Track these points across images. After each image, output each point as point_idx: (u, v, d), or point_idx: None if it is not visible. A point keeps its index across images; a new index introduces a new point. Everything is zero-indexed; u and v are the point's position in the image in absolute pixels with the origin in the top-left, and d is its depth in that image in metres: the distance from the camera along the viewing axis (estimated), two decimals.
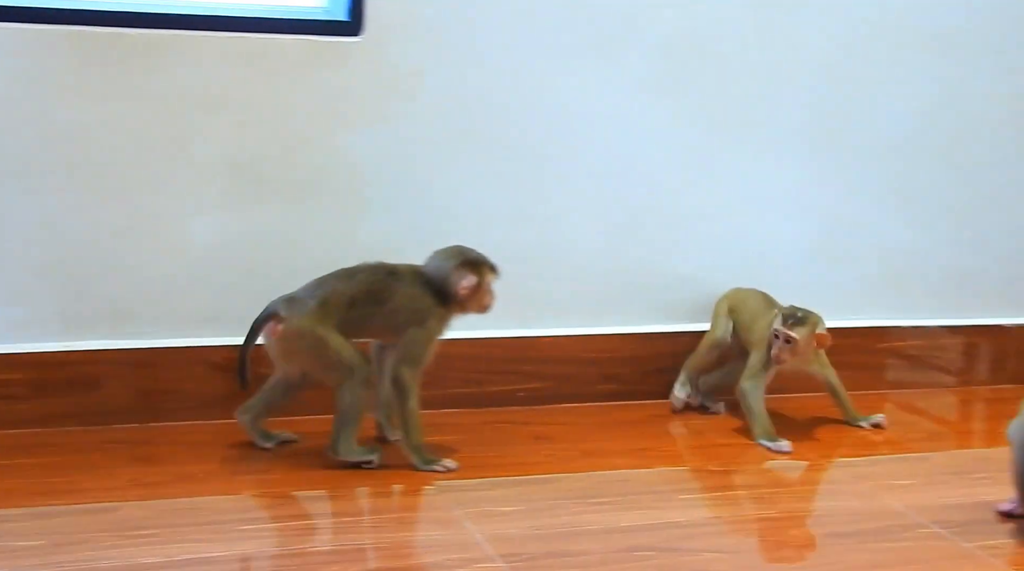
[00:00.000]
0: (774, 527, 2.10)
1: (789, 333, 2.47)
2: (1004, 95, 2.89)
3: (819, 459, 2.46)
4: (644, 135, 2.68)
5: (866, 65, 2.79)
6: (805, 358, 2.53)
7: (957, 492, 2.29)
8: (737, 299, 2.67)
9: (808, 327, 2.49)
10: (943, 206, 2.90)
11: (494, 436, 2.50)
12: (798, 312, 2.50)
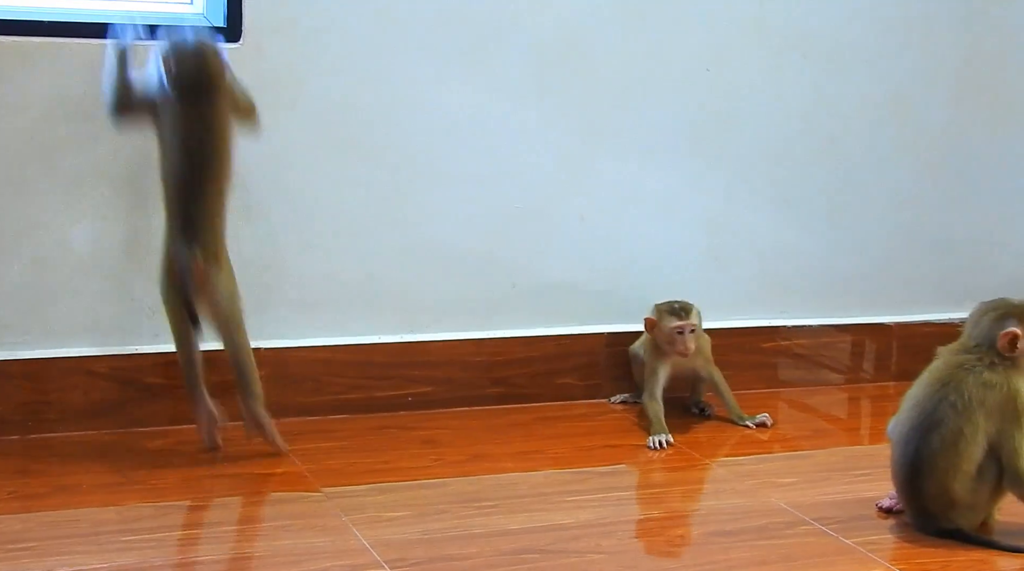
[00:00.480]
0: (658, 527, 2.12)
1: (689, 322, 2.56)
2: (876, 101, 2.94)
3: (704, 458, 2.49)
4: (522, 139, 2.70)
5: (744, 72, 2.83)
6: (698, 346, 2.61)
7: (839, 489, 2.33)
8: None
9: (696, 310, 2.59)
10: (822, 209, 2.95)
11: (382, 441, 2.49)
12: (675, 303, 2.60)
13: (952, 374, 2.07)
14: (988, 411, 2.04)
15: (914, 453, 2.06)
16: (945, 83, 3.00)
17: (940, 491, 2.05)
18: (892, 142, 2.98)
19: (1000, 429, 2.04)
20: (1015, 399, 2.04)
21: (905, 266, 3.03)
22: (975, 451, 2.03)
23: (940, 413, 2.05)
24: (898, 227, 3.02)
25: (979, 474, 2.05)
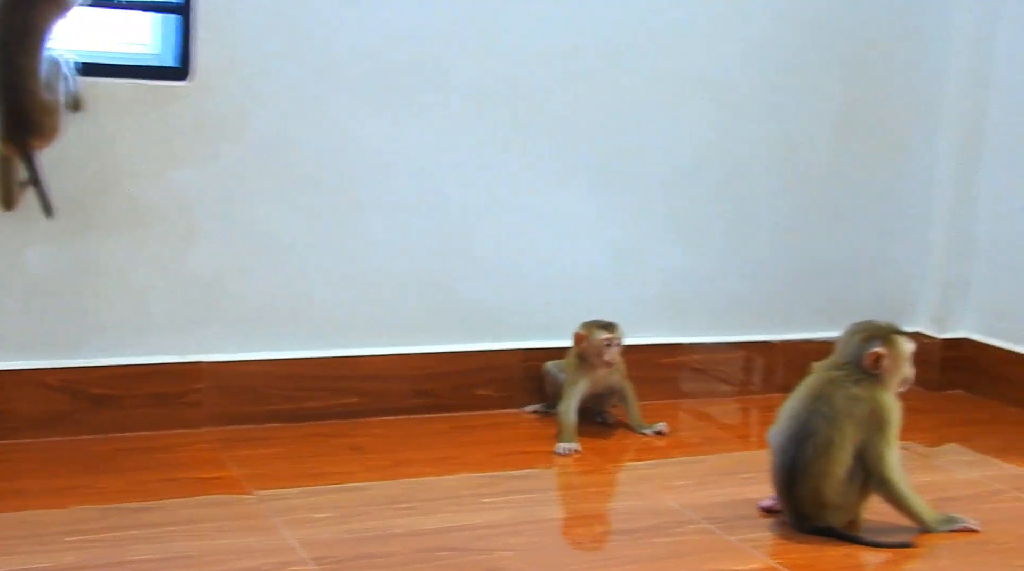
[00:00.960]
0: (562, 526, 2.16)
1: (616, 336, 2.63)
2: (766, 139, 3.00)
3: (607, 464, 2.52)
4: (448, 171, 2.73)
5: (649, 109, 2.88)
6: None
7: (726, 491, 2.38)
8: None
9: (620, 329, 2.65)
10: (717, 235, 3.00)
11: (312, 448, 2.50)
12: (603, 320, 2.66)
13: (824, 388, 2.13)
14: (855, 422, 2.09)
15: (790, 460, 2.12)
16: (827, 123, 3.06)
17: (813, 494, 2.10)
18: (779, 176, 3.04)
19: (866, 438, 2.10)
20: (879, 411, 2.11)
21: (790, 289, 3.09)
22: (844, 457, 2.09)
23: (813, 424, 2.10)
24: (784, 253, 3.07)
25: (848, 478, 2.10)
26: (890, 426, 2.11)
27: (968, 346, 3.17)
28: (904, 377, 2.18)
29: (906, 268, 3.20)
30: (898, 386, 2.17)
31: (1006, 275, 3.10)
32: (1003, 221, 3.10)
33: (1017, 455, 2.67)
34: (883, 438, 2.10)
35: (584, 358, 2.66)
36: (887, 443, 2.11)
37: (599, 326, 2.65)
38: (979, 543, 2.15)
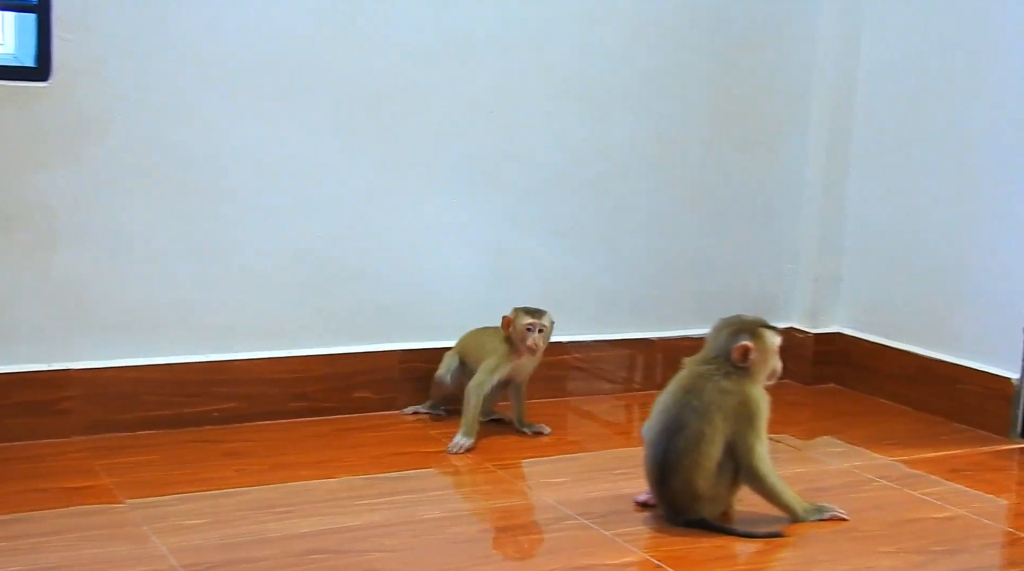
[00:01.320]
0: (438, 526, 2.15)
1: (541, 322, 2.62)
2: (640, 141, 3.04)
3: (485, 462, 2.53)
4: (326, 174, 2.71)
5: (524, 113, 2.90)
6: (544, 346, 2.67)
7: (604, 487, 2.40)
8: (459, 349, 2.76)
9: (548, 316, 2.65)
10: (595, 236, 3.03)
11: (188, 455, 2.46)
12: (532, 307, 2.65)
13: (694, 382, 2.16)
14: (725, 415, 2.13)
15: (662, 453, 2.15)
16: (699, 123, 3.11)
17: (685, 486, 2.13)
18: (654, 177, 3.08)
19: (735, 430, 2.13)
20: (747, 404, 2.14)
21: (667, 287, 3.13)
22: (714, 450, 2.12)
23: (684, 417, 2.13)
24: (661, 253, 3.11)
25: (719, 470, 2.14)
26: (759, 419, 2.15)
27: (840, 340, 3.25)
28: (772, 370, 2.22)
29: (779, 265, 3.26)
30: (767, 379, 2.21)
31: (874, 270, 3.18)
32: (870, 218, 3.18)
33: (887, 445, 2.74)
34: (752, 430, 2.14)
35: (511, 343, 2.65)
36: (756, 435, 2.14)
37: (526, 311, 2.64)
38: (847, 531, 2.20)
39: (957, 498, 2.41)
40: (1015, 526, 2.29)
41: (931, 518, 2.30)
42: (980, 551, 2.16)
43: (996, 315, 2.85)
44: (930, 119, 3.02)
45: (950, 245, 2.97)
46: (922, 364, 3.02)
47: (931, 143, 3.01)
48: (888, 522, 2.27)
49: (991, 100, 2.86)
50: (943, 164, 2.99)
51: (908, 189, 3.09)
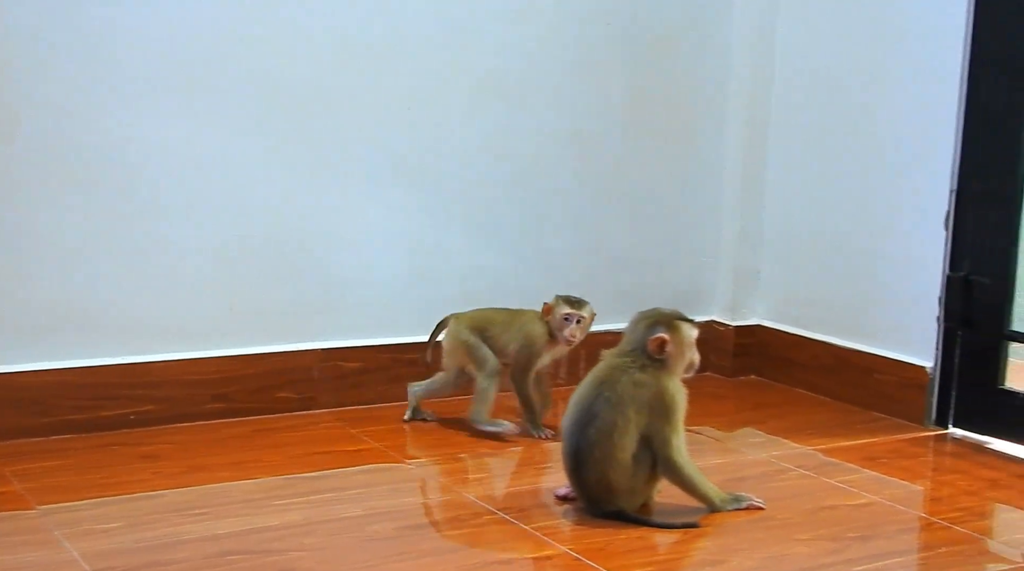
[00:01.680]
0: (357, 524, 2.14)
1: (579, 313, 2.61)
2: (558, 136, 3.04)
3: (406, 459, 2.51)
4: (242, 172, 2.68)
5: (443, 109, 2.89)
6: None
7: (524, 481, 2.40)
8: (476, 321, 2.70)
9: (589, 308, 2.65)
10: (513, 232, 3.02)
11: (103, 459, 2.43)
12: (573, 296, 2.65)
13: (609, 374, 2.17)
14: (638, 406, 2.14)
15: (576, 444, 2.16)
16: (617, 118, 3.12)
17: (599, 477, 2.14)
18: (572, 172, 3.08)
19: (650, 422, 2.15)
20: (662, 396, 2.15)
21: (587, 282, 3.10)
22: (627, 441, 2.13)
23: (597, 408, 2.14)
24: (580, 248, 3.12)
25: (636, 463, 2.15)
26: (674, 411, 2.16)
27: (760, 332, 3.28)
28: (690, 363, 2.24)
29: (699, 259, 3.29)
30: (684, 372, 2.23)
31: (792, 263, 3.21)
32: (788, 212, 3.21)
33: (805, 435, 2.77)
34: (668, 423, 2.15)
35: (551, 332, 2.64)
36: (672, 427, 2.16)
37: (567, 301, 2.63)
38: (763, 520, 2.23)
39: (872, 485, 2.44)
40: (928, 511, 2.33)
41: (846, 505, 2.33)
42: (894, 536, 2.19)
43: (911, 305, 2.89)
44: (844, 113, 3.05)
45: (865, 237, 3.01)
46: (839, 355, 3.06)
47: (846, 136, 3.05)
48: (804, 510, 2.29)
49: (902, 94, 2.90)
50: (857, 157, 3.03)
51: (824, 183, 3.12)
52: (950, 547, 2.14)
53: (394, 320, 2.88)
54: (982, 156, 2.75)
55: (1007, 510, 2.38)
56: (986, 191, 2.75)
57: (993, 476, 2.53)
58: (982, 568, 2.07)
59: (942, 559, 2.10)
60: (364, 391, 2.85)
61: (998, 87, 2.72)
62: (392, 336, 2.88)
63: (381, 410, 2.82)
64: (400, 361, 2.89)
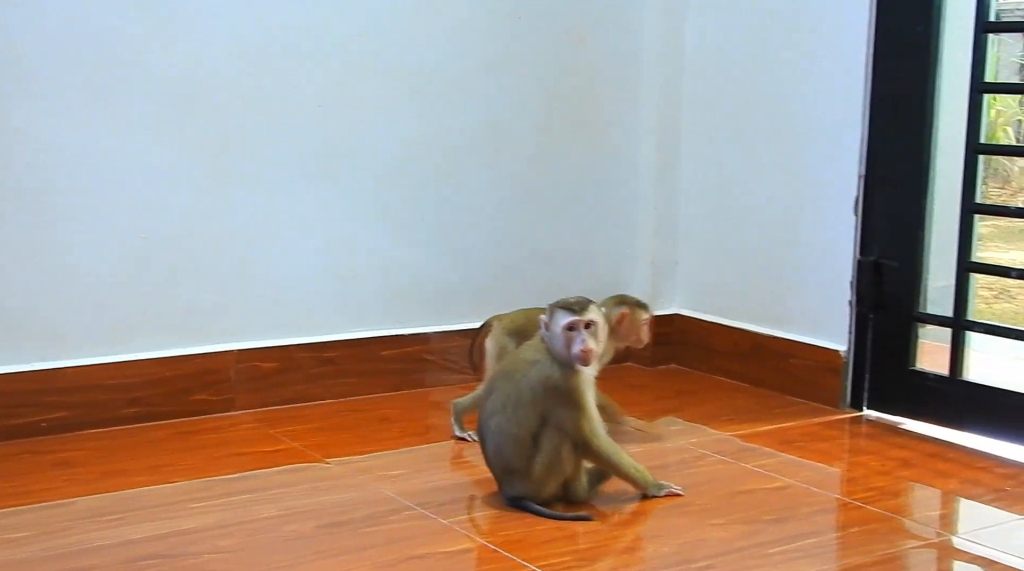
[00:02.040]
0: (275, 524, 2.13)
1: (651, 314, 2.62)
2: (475, 129, 3.04)
3: (325, 458, 2.50)
4: (153, 173, 2.65)
5: (356, 105, 2.88)
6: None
7: (442, 476, 2.40)
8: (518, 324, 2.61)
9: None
10: (434, 226, 3.02)
11: (15, 467, 2.39)
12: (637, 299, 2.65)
13: (515, 370, 2.19)
14: (534, 390, 2.15)
15: (483, 426, 2.19)
16: (533, 112, 3.13)
17: (506, 466, 2.17)
18: (489, 165, 3.09)
19: (557, 409, 2.15)
20: (567, 382, 2.15)
21: (510, 275, 3.14)
22: (524, 418, 2.14)
23: (505, 392, 2.16)
24: (502, 241, 3.12)
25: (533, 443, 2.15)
26: (581, 395, 2.16)
27: (678, 321, 3.31)
28: (604, 351, 2.25)
29: (617, 251, 3.31)
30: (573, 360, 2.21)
31: (708, 252, 3.25)
32: (703, 203, 3.24)
33: (723, 421, 2.80)
34: (577, 409, 2.16)
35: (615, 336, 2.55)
36: (583, 413, 2.16)
37: (639, 305, 2.61)
38: (681, 506, 2.25)
39: (788, 469, 2.47)
40: (843, 492, 2.37)
41: (763, 489, 2.36)
42: (808, 518, 2.22)
43: (824, 290, 2.94)
44: (755, 104, 3.09)
45: (779, 225, 3.05)
46: (756, 341, 3.09)
47: (757, 127, 3.09)
48: (721, 495, 2.32)
49: (810, 84, 2.94)
50: (769, 147, 3.06)
51: (737, 173, 3.16)
52: (863, 526, 2.18)
53: (311, 318, 2.87)
54: (888, 143, 2.80)
55: (919, 488, 2.42)
56: (893, 177, 2.80)
57: (905, 456, 2.58)
58: (895, 546, 2.10)
59: (856, 538, 2.13)
60: (283, 391, 2.83)
61: (902, 76, 2.77)
62: (310, 335, 2.87)
63: (301, 410, 2.81)
64: (318, 360, 2.87)
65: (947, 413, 2.72)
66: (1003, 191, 8.35)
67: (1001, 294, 5.71)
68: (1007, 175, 8.56)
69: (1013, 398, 2.63)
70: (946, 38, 2.72)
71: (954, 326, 2.71)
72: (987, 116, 8.38)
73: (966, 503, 2.36)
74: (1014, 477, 2.44)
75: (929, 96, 2.73)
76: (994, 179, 8.56)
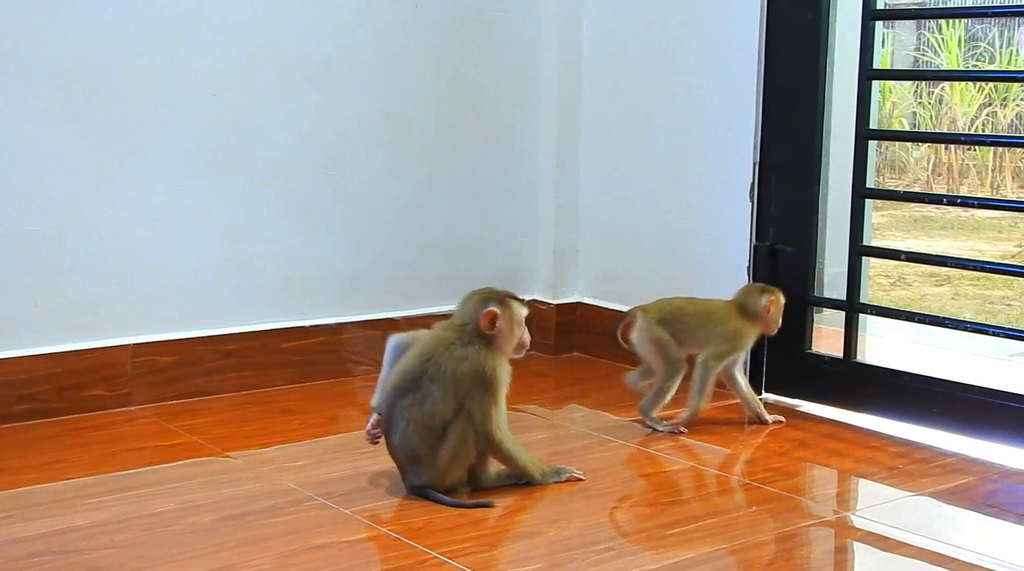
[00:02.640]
0: (172, 518, 2.10)
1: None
2: (374, 119, 3.03)
3: (226, 451, 2.47)
4: (39, 162, 2.60)
5: (252, 93, 2.85)
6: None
7: (346, 467, 2.38)
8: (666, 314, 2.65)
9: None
10: (334, 217, 3.00)
11: None
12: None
13: (434, 348, 2.19)
14: (458, 380, 2.15)
15: (389, 409, 2.18)
16: (433, 100, 3.12)
17: (412, 454, 2.17)
18: (391, 155, 3.07)
19: (469, 396, 2.15)
20: (483, 371, 2.16)
21: (411, 266, 3.14)
22: (440, 411, 2.14)
23: (417, 380, 2.16)
24: (403, 231, 3.11)
25: (443, 434, 2.15)
26: (495, 385, 2.17)
27: (580, 309, 3.33)
28: (519, 342, 2.24)
29: (519, 239, 3.32)
30: (513, 351, 2.23)
31: (609, 240, 3.28)
32: (603, 190, 3.27)
33: (625, 407, 2.82)
34: (488, 397, 2.16)
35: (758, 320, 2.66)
36: (493, 402, 2.17)
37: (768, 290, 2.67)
38: (582, 490, 2.26)
39: (689, 451, 2.51)
40: (742, 473, 2.41)
41: (663, 472, 2.39)
42: (708, 499, 2.26)
43: (722, 276, 2.97)
44: (652, 91, 3.12)
45: (677, 211, 3.09)
46: None
47: (654, 114, 3.12)
48: (622, 479, 2.34)
49: (705, 71, 2.98)
50: (666, 134, 3.10)
51: (636, 160, 3.19)
52: (762, 506, 2.21)
53: (210, 311, 2.83)
54: (781, 130, 2.85)
55: (816, 468, 2.47)
56: (787, 163, 2.85)
57: (802, 437, 2.63)
58: (792, 524, 2.14)
59: (754, 517, 2.17)
60: (182, 385, 2.79)
61: (793, 64, 2.81)
62: (208, 328, 2.83)
63: (200, 404, 2.77)
64: (218, 353, 2.84)
65: (842, 395, 2.78)
66: (899, 181, 8.56)
67: (898, 282, 5.86)
68: (904, 165, 8.78)
69: (905, 379, 2.69)
70: (836, 26, 2.78)
71: (847, 309, 2.77)
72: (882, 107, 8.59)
73: (861, 481, 2.41)
74: (906, 455, 2.51)
75: (820, 84, 2.79)
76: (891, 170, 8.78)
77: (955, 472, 2.41)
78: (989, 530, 2.15)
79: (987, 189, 8.17)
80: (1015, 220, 7.28)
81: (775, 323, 2.69)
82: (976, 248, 6.55)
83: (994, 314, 5.20)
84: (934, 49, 8.70)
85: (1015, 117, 8.57)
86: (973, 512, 2.23)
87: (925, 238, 6.81)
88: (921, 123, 8.71)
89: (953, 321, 2.79)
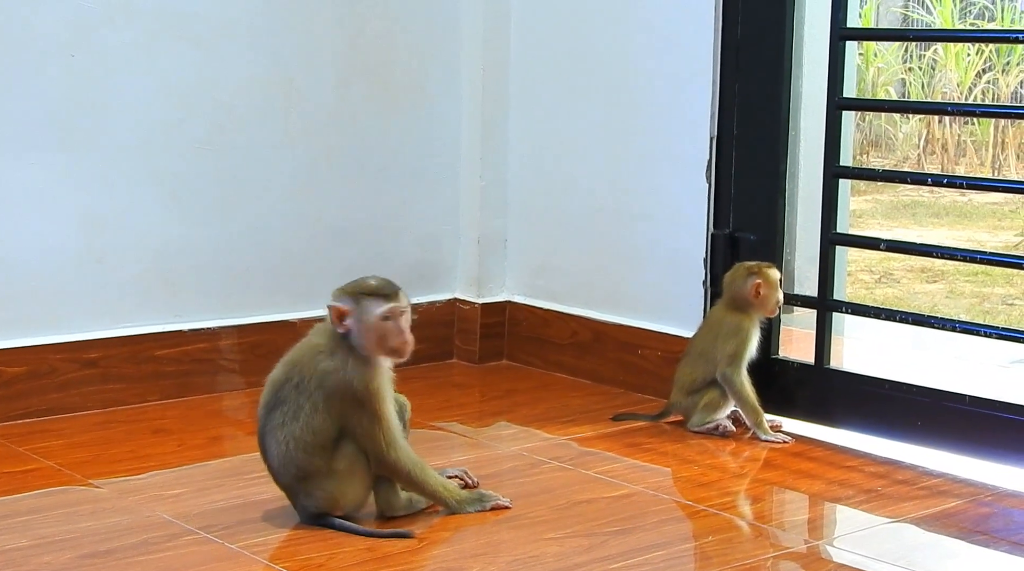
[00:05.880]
0: (24, 556, 2.12)
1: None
2: (262, 85, 3.06)
3: (89, 478, 2.49)
4: None
5: (114, 55, 2.87)
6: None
7: (230, 495, 2.42)
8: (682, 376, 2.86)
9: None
10: (213, 200, 3.03)
11: None
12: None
13: (301, 353, 2.25)
14: (328, 397, 2.20)
15: (262, 429, 2.25)
16: (332, 65, 3.16)
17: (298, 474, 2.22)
18: (281, 127, 3.10)
19: (344, 415, 2.21)
20: (353, 388, 2.20)
21: (306, 258, 3.16)
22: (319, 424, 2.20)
23: (285, 392, 2.22)
24: (296, 217, 3.15)
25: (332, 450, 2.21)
26: (374, 403, 2.21)
27: (510, 309, 3.38)
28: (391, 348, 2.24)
29: (436, 227, 3.36)
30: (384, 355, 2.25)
31: (543, 229, 3.33)
32: (536, 170, 3.33)
33: (561, 423, 2.89)
34: (369, 419, 2.21)
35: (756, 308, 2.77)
36: (375, 420, 2.21)
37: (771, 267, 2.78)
38: (510, 519, 2.32)
39: (634, 474, 2.58)
40: (696, 499, 2.47)
41: (605, 498, 2.45)
42: (655, 528, 2.32)
43: (673, 270, 3.05)
44: (592, 55, 3.18)
45: (621, 195, 3.15)
46: (599, 330, 3.19)
47: (594, 82, 3.18)
48: (557, 506, 2.40)
49: (652, 31, 3.04)
50: (608, 104, 3.16)
51: (573, 135, 3.24)
52: (719, 535, 2.29)
53: (68, 313, 2.85)
54: (742, 96, 2.92)
55: (782, 492, 2.55)
56: (748, 136, 2.92)
57: (766, 456, 2.71)
58: (754, 556, 2.21)
59: (711, 549, 2.24)
60: (34, 401, 2.81)
61: (756, 17, 2.88)
62: (66, 333, 2.85)
63: (57, 423, 2.79)
64: (78, 362, 2.86)
65: (812, 407, 2.86)
66: (886, 161, 8.70)
67: (884, 278, 5.94)
68: (891, 143, 8.91)
69: (885, 388, 2.77)
70: None
71: (819, 307, 2.84)
72: (864, 73, 8.64)
73: (835, 507, 2.49)
74: (886, 476, 2.59)
75: (787, 43, 2.85)
76: (875, 148, 8.92)
77: (941, 495, 2.50)
78: (980, 561, 2.24)
79: (987, 169, 8.25)
80: (1017, 205, 7.32)
81: (773, 302, 2.79)
82: (975, 238, 6.66)
83: (994, 314, 5.29)
84: (926, 6, 8.83)
85: (1019, 85, 8.69)
86: (962, 540, 2.31)
87: (915, 227, 6.88)
88: (912, 92, 8.81)
89: (941, 321, 2.86)
